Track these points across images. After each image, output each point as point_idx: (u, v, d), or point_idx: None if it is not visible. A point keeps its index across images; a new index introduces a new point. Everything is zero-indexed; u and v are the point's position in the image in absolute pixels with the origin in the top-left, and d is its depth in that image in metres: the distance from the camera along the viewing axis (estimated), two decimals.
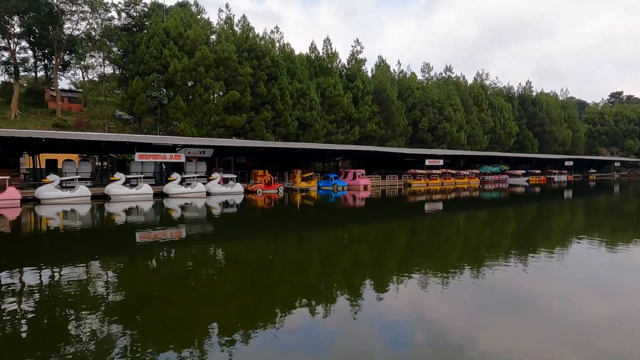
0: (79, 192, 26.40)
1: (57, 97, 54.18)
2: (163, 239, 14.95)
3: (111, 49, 48.84)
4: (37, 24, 50.81)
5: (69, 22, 53.29)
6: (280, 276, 10.14)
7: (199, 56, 42.36)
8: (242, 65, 44.79)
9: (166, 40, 43.08)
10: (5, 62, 55.74)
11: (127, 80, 45.16)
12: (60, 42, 52.15)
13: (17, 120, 48.79)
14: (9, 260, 11.56)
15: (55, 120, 50.16)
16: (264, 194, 34.80)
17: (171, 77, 42.12)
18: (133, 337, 6.28)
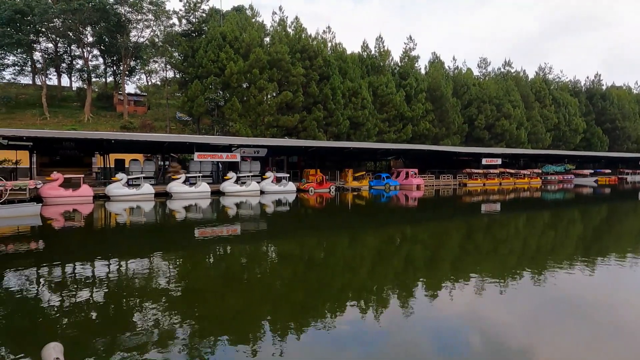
0: (143, 190, 28.13)
1: (124, 101, 58.03)
2: (220, 235, 15.57)
3: (172, 54, 51.54)
4: (107, 33, 54.68)
5: (134, 30, 56.93)
6: (332, 275, 10.21)
7: (254, 58, 43.56)
8: (295, 66, 45.50)
9: (223, 44, 44.71)
10: (80, 69, 60.59)
11: (186, 83, 47.44)
12: (127, 49, 55.77)
13: (90, 123, 52.82)
14: (82, 252, 12.62)
15: (123, 123, 53.75)
16: (316, 193, 35.16)
17: (227, 79, 43.66)
18: (191, 329, 6.56)
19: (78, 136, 29.52)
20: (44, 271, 10.12)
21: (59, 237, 15.75)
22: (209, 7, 54.03)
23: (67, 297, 8.00)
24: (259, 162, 38.54)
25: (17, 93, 58.01)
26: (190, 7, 51.45)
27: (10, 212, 18.56)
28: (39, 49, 56.60)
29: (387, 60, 56.72)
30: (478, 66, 72.48)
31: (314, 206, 27.51)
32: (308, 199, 31.25)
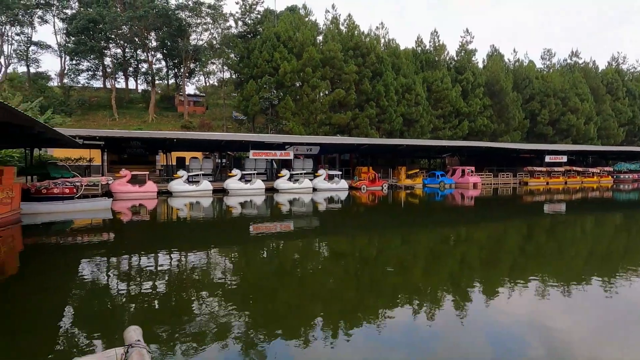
0: (202, 187, 29.44)
1: (184, 101, 60.95)
2: (273, 231, 15.95)
3: (229, 56, 53.42)
4: (169, 37, 57.70)
5: (194, 34, 59.64)
6: (383, 273, 10.12)
7: (307, 57, 44.06)
8: (348, 64, 45.48)
9: (277, 44, 45.63)
10: (145, 72, 64.41)
11: (242, 83, 48.97)
12: (187, 52, 58.49)
13: (153, 123, 56.03)
14: (147, 244, 13.46)
15: (183, 122, 56.49)
16: (368, 190, 34.97)
17: (281, 78, 44.52)
18: (246, 321, 6.78)
19: (144, 136, 31.50)
20: (115, 261, 10.93)
21: (127, 229, 16.90)
22: (263, 9, 55.41)
23: (134, 285, 8.59)
24: (312, 159, 38.96)
25: (90, 96, 62.77)
26: (246, 9, 52.99)
27: (85, 205, 20.19)
28: (108, 54, 60.90)
29: (443, 55, 55.16)
30: (541, 58, 68.63)
31: (366, 204, 27.36)
32: (360, 196, 31.14)
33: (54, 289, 8.43)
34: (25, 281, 9.16)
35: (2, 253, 11.98)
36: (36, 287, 8.51)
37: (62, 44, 61.15)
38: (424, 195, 33.18)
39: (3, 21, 53.92)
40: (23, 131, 14.09)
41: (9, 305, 7.45)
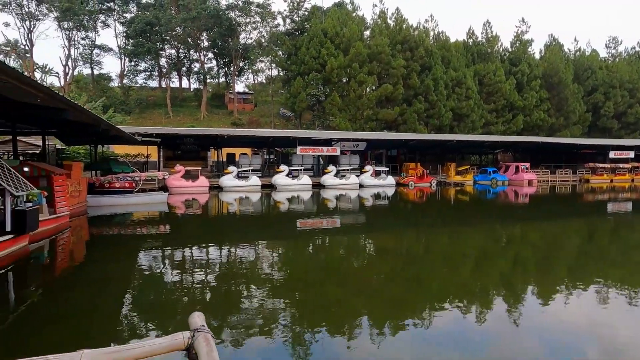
0: (251, 182, 30.21)
1: (234, 99, 62.68)
2: (320, 226, 16.09)
3: (277, 53, 54.24)
4: (219, 37, 59.51)
5: (243, 33, 61.11)
6: (431, 271, 9.94)
7: (354, 53, 43.85)
8: (395, 58, 44.78)
9: (324, 40, 45.75)
10: (197, 72, 66.83)
11: (289, 80, 49.59)
12: (237, 51, 60.04)
13: (205, 120, 58.08)
14: (200, 236, 14.04)
15: (233, 119, 58.12)
16: (416, 187, 34.34)
17: (328, 75, 44.62)
18: (292, 315, 6.88)
19: (197, 133, 32.80)
20: (171, 252, 11.51)
21: (182, 222, 17.72)
22: (311, 5, 55.72)
23: (188, 275, 9.01)
24: (358, 155, 38.81)
25: (147, 95, 66.08)
26: (293, 6, 53.53)
27: (143, 199, 21.36)
28: (164, 55, 63.79)
29: (496, 47, 52.93)
30: (606, 46, 64.13)
31: (414, 201, 26.91)
32: (407, 193, 30.67)
33: (117, 276, 9.02)
34: (92, 268, 9.89)
35: (71, 242, 12.97)
36: (102, 274, 9.16)
37: (122, 47, 64.81)
38: (475, 193, 32.10)
39: (71, 27, 57.92)
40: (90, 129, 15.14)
41: (78, 291, 8.07)
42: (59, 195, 14.17)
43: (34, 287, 8.66)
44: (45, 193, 13.19)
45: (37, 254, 10.99)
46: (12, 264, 9.57)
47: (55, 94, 7.33)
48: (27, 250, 10.77)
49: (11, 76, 5.42)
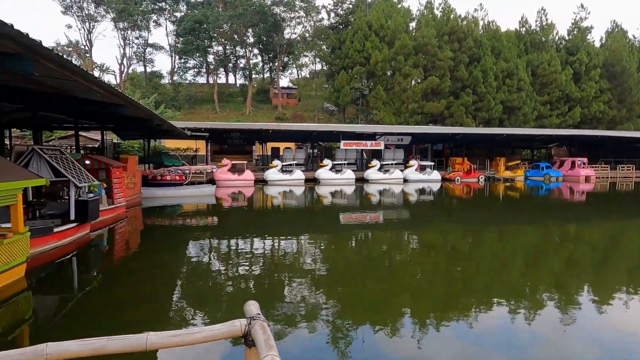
0: (295, 176, 30.56)
1: (278, 94, 63.50)
2: (363, 221, 16.03)
3: (321, 48, 54.29)
4: (264, 33, 60.38)
5: (288, 28, 61.57)
6: (477, 270, 9.63)
7: (399, 45, 43.06)
8: (442, 50, 43.55)
9: (368, 33, 45.23)
10: (243, 68, 68.30)
11: (333, 74, 49.51)
12: (281, 47, 60.68)
13: (250, 115, 59.30)
14: (246, 229, 14.42)
15: (277, 114, 58.94)
16: (463, 182, 33.36)
17: (372, 68, 44.14)
18: (333, 309, 6.90)
19: (243, 127, 33.61)
20: (218, 243, 11.92)
21: (228, 214, 18.26)
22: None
23: (233, 266, 9.29)
24: (403, 150, 38.20)
25: (195, 91, 68.32)
26: (338, 0, 53.24)
27: (193, 191, 22.20)
28: (211, 52, 65.64)
29: (551, 35, 50.12)
30: None
31: (460, 196, 26.18)
32: (454, 188, 29.87)
33: (170, 264, 9.45)
34: (147, 256, 10.43)
35: (127, 231, 13.73)
36: (156, 262, 9.65)
37: (172, 45, 67.33)
38: (526, 189, 30.74)
39: (125, 27, 60.89)
40: (144, 124, 15.89)
41: (135, 277, 8.54)
42: (116, 187, 15.01)
43: (94, 272, 9.27)
44: (104, 185, 14.01)
45: (97, 242, 11.72)
46: (75, 250, 10.27)
47: (115, 91, 7.76)
48: (88, 238, 11.51)
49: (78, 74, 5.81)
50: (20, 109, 13.61)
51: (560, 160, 39.31)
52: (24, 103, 11.92)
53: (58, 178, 10.34)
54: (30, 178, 7.44)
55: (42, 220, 10.40)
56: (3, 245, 6.62)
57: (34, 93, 9.05)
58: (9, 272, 6.94)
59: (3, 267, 6.73)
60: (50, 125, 21.36)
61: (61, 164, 10.48)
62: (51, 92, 8.70)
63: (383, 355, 5.40)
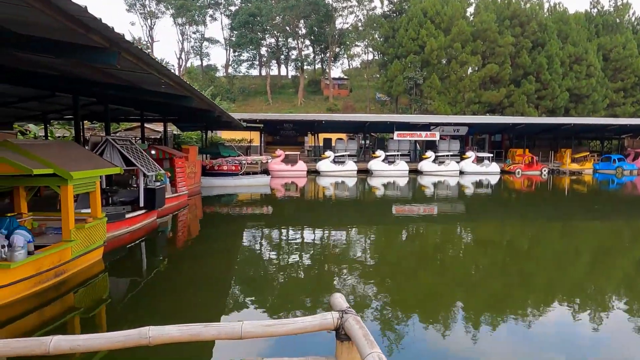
0: (347, 167, 30.44)
1: (329, 85, 63.40)
2: (416, 213, 15.72)
3: (373, 37, 53.41)
4: (316, 24, 60.34)
5: (340, 18, 61.16)
6: (537, 267, 9.07)
7: (456, 32, 41.40)
8: (503, 35, 41.32)
9: (423, 20, 43.86)
10: (294, 59, 68.80)
11: (386, 64, 48.59)
12: (333, 37, 60.39)
13: (302, 106, 59.72)
14: (299, 219, 14.62)
15: (328, 105, 58.91)
16: (524, 175, 31.65)
17: (427, 56, 42.82)
18: (383, 300, 6.80)
19: (296, 118, 33.91)
20: (273, 231, 12.16)
21: (282, 204, 18.57)
22: None
23: (286, 254, 9.42)
24: (459, 141, 36.84)
25: (249, 84, 69.84)
26: None
27: (249, 181, 22.75)
28: (264, 44, 66.68)
29: (627, 16, 45.99)
30: None
31: (521, 190, 24.92)
32: (514, 181, 28.44)
33: (230, 250, 9.74)
34: (208, 242, 10.83)
35: (189, 219, 14.32)
36: (217, 248, 10.04)
37: (227, 38, 69.10)
38: (595, 183, 28.65)
39: (184, 22, 63.27)
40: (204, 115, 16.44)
41: (198, 262, 8.87)
42: (179, 176, 15.67)
43: (161, 256, 9.76)
44: (168, 174, 14.66)
45: (163, 228, 12.31)
46: (144, 235, 10.85)
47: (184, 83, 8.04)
48: (155, 224, 12.12)
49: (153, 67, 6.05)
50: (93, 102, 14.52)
51: (635, 152, 36.15)
52: (97, 96, 12.69)
53: (129, 167, 10.93)
54: (107, 167, 7.90)
55: (115, 206, 11.07)
56: (84, 229, 7.09)
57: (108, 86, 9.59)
58: (89, 254, 7.43)
59: (84, 250, 7.21)
60: (118, 117, 22.68)
61: (131, 153, 11.06)
62: (123, 85, 9.17)
63: (433, 349, 5.28)
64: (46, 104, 15.47)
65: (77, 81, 9.35)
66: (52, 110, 17.82)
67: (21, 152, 6.26)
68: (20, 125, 25.79)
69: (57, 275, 6.55)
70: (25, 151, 6.30)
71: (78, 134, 12.58)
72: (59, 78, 9.23)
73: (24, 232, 6.24)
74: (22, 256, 5.70)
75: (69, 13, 3.95)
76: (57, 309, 6.14)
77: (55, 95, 12.66)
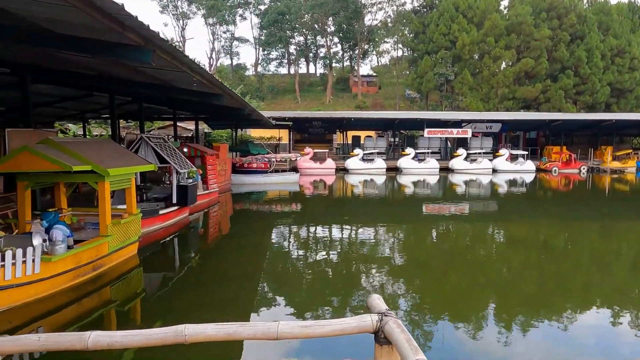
0: (377, 165, 30.14)
1: (358, 82, 62.96)
2: (446, 212, 15.34)
3: (403, 33, 52.63)
4: (345, 21, 60.01)
5: (369, 15, 60.63)
6: (574, 269, 8.72)
7: (489, 26, 40.23)
8: (539, 28, 39.82)
9: (455, 15, 42.85)
10: (323, 57, 68.74)
11: (416, 60, 47.81)
12: (362, 34, 59.91)
13: (330, 104, 59.59)
14: (327, 216, 14.56)
15: (357, 103, 58.53)
16: (561, 173, 30.43)
17: (458, 51, 41.84)
18: (413, 298, 6.68)
19: (325, 116, 33.85)
20: (302, 229, 12.14)
21: (311, 201, 18.56)
22: None
23: (314, 251, 9.36)
24: (491, 138, 35.83)
25: (278, 82, 70.31)
26: None
27: (279, 179, 22.87)
28: (293, 43, 66.96)
29: None
30: None
31: (558, 189, 24.00)
32: (550, 180, 27.42)
33: (260, 247, 9.78)
34: (238, 239, 10.91)
35: (220, 215, 14.52)
36: (246, 244, 10.09)
37: (256, 37, 69.76)
38: (638, 182, 27.21)
39: (214, 22, 64.28)
40: (235, 113, 16.62)
41: (228, 257, 8.95)
42: (210, 173, 15.91)
43: (193, 252, 9.91)
44: (200, 171, 14.90)
45: (194, 224, 12.53)
46: (177, 231, 11.06)
47: (216, 81, 8.11)
48: (187, 220, 12.33)
49: (186, 65, 6.13)
50: (128, 101, 14.94)
51: None
52: (132, 95, 13.03)
53: (162, 164, 11.16)
54: (142, 164, 8.07)
55: (149, 203, 11.34)
56: (120, 224, 7.27)
57: (142, 85, 9.82)
58: (124, 249, 7.62)
59: (120, 245, 7.40)
60: (152, 116, 23.27)
61: (165, 151, 11.29)
62: (157, 84, 9.35)
63: (464, 351, 5.13)
64: (84, 103, 16.04)
65: (114, 81, 9.62)
66: (90, 110, 18.49)
67: (62, 149, 6.47)
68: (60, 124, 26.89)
69: (95, 269, 6.74)
70: (65, 148, 6.51)
71: (114, 132, 12.95)
72: (97, 78, 9.53)
73: (63, 227, 6.45)
74: (62, 250, 5.89)
75: (107, 11, 4.02)
76: (94, 302, 6.31)
77: (93, 95, 13.11)
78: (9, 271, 5.15)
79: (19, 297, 5.42)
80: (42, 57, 7.29)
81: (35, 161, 6.01)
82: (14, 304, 5.42)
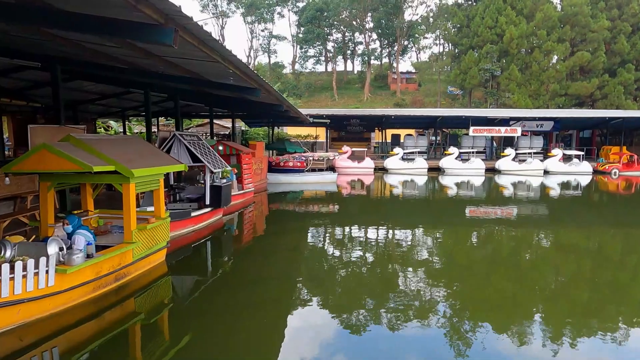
0: (417, 164, 28.82)
1: (397, 79, 61.43)
2: (491, 216, 14.29)
3: (446, 27, 50.63)
4: (384, 16, 58.65)
5: (409, 10, 58.95)
6: (633, 280, 7.93)
7: (540, 17, 37.77)
8: (596, 19, 36.97)
9: (502, 6, 40.58)
10: (361, 54, 67.52)
11: (459, 55, 45.80)
12: (402, 30, 58.30)
13: (368, 102, 58.40)
14: (366, 218, 13.72)
15: (396, 100, 57.01)
16: (621, 176, 27.94)
17: (506, 46, 39.57)
18: (451, 305, 6.31)
19: (363, 113, 32.81)
20: (340, 230, 11.39)
21: (349, 202, 17.73)
22: None
23: (350, 253, 8.67)
24: (542, 137, 33.57)
25: (315, 80, 69.81)
26: None
27: (316, 178, 22.13)
28: (330, 40, 66.15)
29: None
30: None
31: (617, 193, 21.97)
32: (609, 183, 25.19)
33: (296, 249, 9.07)
34: (274, 240, 10.27)
35: (255, 216, 13.93)
36: (283, 247, 9.49)
37: (294, 35, 69.46)
38: None
39: (253, 20, 64.54)
40: (273, 110, 16.01)
41: (262, 261, 8.27)
42: (246, 172, 15.36)
43: (227, 257, 9.32)
44: (235, 170, 14.36)
45: (228, 226, 11.95)
46: (210, 234, 10.50)
47: (250, 71, 7.43)
48: (221, 222, 11.78)
49: (216, 52, 5.46)
50: (165, 99, 14.63)
51: None
52: (167, 91, 12.64)
53: (195, 163, 10.63)
54: (172, 164, 7.49)
55: (181, 203, 10.84)
56: (146, 230, 6.69)
57: (175, 78, 9.31)
58: (151, 256, 7.05)
59: (146, 252, 6.82)
60: (189, 114, 23.13)
61: (198, 149, 10.75)
62: (190, 77, 8.79)
63: None
64: (123, 100, 15.92)
65: (147, 75, 9.15)
66: (129, 107, 18.45)
67: (85, 147, 5.94)
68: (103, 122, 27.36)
69: (117, 280, 6.18)
70: (88, 147, 5.97)
71: (149, 129, 12.60)
72: (130, 72, 9.09)
73: (85, 232, 5.92)
74: (79, 260, 5.32)
75: None
76: (116, 316, 5.75)
77: (130, 92, 12.83)
78: (19, 284, 4.60)
79: (30, 313, 4.88)
80: (69, 48, 6.83)
81: (54, 160, 5.49)
82: (26, 320, 4.89)
